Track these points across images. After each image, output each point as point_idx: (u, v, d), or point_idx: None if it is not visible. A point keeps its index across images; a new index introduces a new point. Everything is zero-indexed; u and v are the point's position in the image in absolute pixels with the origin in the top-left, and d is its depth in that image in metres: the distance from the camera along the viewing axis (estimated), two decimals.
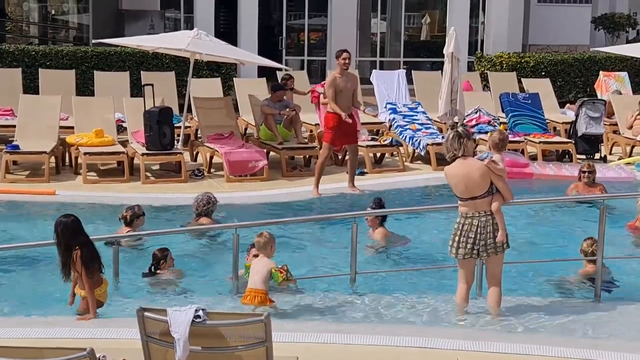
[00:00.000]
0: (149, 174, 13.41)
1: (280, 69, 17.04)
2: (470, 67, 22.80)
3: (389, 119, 15.77)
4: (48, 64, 18.08)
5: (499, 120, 15.99)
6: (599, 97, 18.51)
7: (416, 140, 14.67)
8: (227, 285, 8.49)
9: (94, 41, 18.25)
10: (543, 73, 20.95)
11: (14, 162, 13.45)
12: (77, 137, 13.64)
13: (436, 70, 19.70)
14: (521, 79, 19.20)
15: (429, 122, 15.45)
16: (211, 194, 10.58)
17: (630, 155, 15.39)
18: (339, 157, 14.35)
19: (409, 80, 18.38)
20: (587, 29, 26.03)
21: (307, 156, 14.44)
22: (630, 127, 15.87)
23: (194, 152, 14.68)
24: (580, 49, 24.18)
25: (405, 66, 22.90)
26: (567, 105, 18.98)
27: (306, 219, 10.72)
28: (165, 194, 12.39)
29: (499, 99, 16.56)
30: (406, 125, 15.22)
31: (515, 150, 14.55)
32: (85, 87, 17.43)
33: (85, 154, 13.10)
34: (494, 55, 21.91)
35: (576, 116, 15.61)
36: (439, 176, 12.53)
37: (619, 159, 15.24)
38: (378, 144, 14.61)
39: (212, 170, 13.81)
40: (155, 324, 5.21)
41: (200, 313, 5.12)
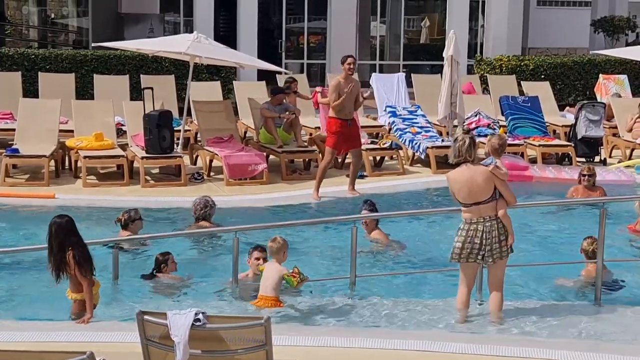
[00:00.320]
0: (148, 177, 13.40)
1: (279, 72, 17.03)
2: (470, 70, 22.81)
3: (389, 122, 15.77)
4: (48, 67, 18.09)
5: (498, 123, 15.99)
6: (598, 100, 18.51)
7: (416, 144, 14.67)
8: (227, 289, 8.48)
9: (93, 45, 18.24)
10: (543, 76, 20.96)
11: (14, 166, 13.46)
12: (76, 140, 13.64)
13: (436, 73, 19.70)
14: (521, 82, 19.19)
15: (428, 125, 15.45)
16: (209, 197, 10.58)
17: (630, 158, 15.38)
18: (338, 160, 14.35)
19: (409, 84, 18.36)
20: (586, 32, 26.05)
21: (306, 159, 14.44)
22: (630, 130, 15.87)
23: (194, 156, 14.68)
24: (580, 51, 24.19)
25: (404, 69, 22.92)
26: (567, 108, 19.00)
27: (306, 222, 10.72)
28: (164, 197, 12.39)
29: (499, 102, 16.57)
30: (406, 128, 15.23)
31: (515, 154, 14.55)
32: (84, 91, 17.43)
33: (85, 157, 13.10)
34: (494, 58, 21.92)
35: (576, 119, 15.61)
36: (439, 179, 12.60)
37: (618, 162, 15.24)
38: (378, 147, 14.61)
39: (211, 173, 13.81)
40: (155, 328, 5.20)
41: (200, 316, 5.12)
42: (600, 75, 20.11)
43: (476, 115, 15.87)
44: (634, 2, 29.76)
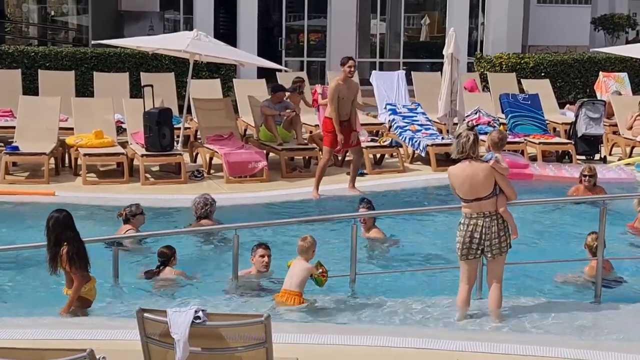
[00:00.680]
0: (148, 175, 13.40)
1: (279, 70, 17.02)
2: (470, 68, 22.79)
3: (389, 120, 15.77)
4: (47, 65, 18.09)
5: (498, 121, 15.99)
6: (598, 97, 18.52)
7: (416, 141, 14.66)
8: (228, 286, 8.48)
9: (93, 42, 18.25)
10: (543, 74, 20.95)
11: (14, 164, 13.45)
12: (76, 138, 13.63)
13: (436, 71, 19.69)
14: (521, 79, 19.19)
15: (428, 123, 15.44)
16: (208, 195, 10.56)
17: (630, 156, 15.39)
18: (338, 158, 14.35)
19: (409, 81, 18.37)
20: (586, 29, 26.03)
21: (306, 157, 14.44)
22: (630, 128, 15.87)
23: (194, 153, 14.67)
24: (580, 49, 24.18)
25: (404, 67, 22.89)
26: (567, 106, 18.99)
27: (306, 219, 10.70)
28: (164, 195, 12.38)
29: (499, 99, 16.57)
30: (406, 126, 15.22)
31: (515, 151, 14.55)
32: (84, 88, 17.42)
33: (85, 155, 13.09)
34: (494, 56, 21.91)
35: (576, 117, 15.60)
36: (439, 177, 12.60)
37: (618, 160, 15.24)
38: (378, 145, 14.61)
39: (211, 171, 13.81)
40: (155, 325, 5.20)
41: (200, 314, 5.11)
42: (601, 73, 20.11)
43: (476, 113, 15.87)
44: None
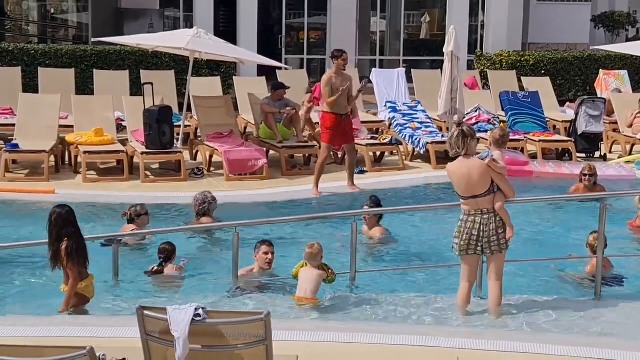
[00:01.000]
0: (148, 172, 13.40)
1: (279, 67, 17.02)
2: (470, 66, 22.77)
3: (389, 118, 15.77)
4: (47, 62, 18.09)
5: (498, 118, 16.00)
6: (598, 95, 18.51)
7: (416, 139, 14.66)
8: (227, 284, 8.48)
9: (93, 40, 18.22)
10: (543, 71, 20.95)
11: (14, 161, 13.45)
12: (76, 136, 13.63)
13: (436, 68, 19.68)
14: (521, 77, 19.20)
15: (428, 120, 15.44)
16: (208, 193, 10.57)
17: (630, 154, 15.39)
18: (338, 156, 14.34)
19: (409, 79, 18.38)
20: (586, 27, 26.01)
21: (306, 155, 14.43)
22: (630, 126, 15.87)
23: (194, 151, 14.67)
24: (580, 47, 24.17)
25: (404, 65, 22.89)
26: (567, 103, 18.98)
27: (306, 217, 10.73)
28: (164, 192, 12.37)
29: (499, 97, 16.55)
30: (406, 123, 15.22)
31: (515, 149, 14.54)
32: (84, 86, 17.42)
33: (85, 152, 13.09)
34: (494, 53, 21.91)
35: (576, 115, 15.60)
36: (439, 175, 12.60)
37: (619, 158, 15.24)
38: (378, 142, 14.60)
39: (211, 169, 13.80)
40: (155, 323, 5.19)
41: (200, 312, 5.11)
42: (601, 70, 20.10)
43: (476, 111, 15.88)
44: None
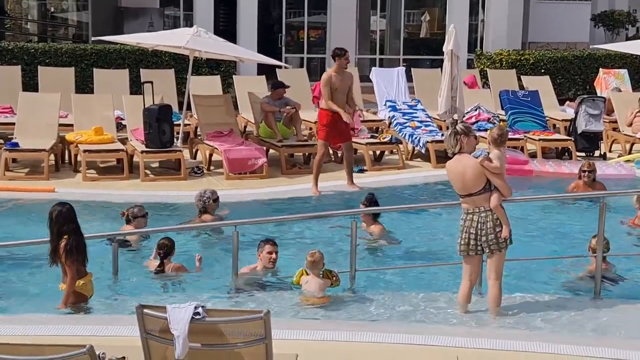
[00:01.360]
0: (148, 171, 13.40)
1: (279, 66, 17.01)
2: (470, 65, 22.78)
3: (389, 117, 15.76)
4: (47, 61, 18.07)
5: (498, 117, 15.99)
6: (598, 94, 18.50)
7: (416, 138, 14.66)
8: (228, 283, 8.49)
9: (93, 39, 18.23)
10: (543, 70, 20.95)
11: (14, 160, 13.45)
12: (76, 134, 13.63)
13: (436, 67, 19.67)
14: (521, 76, 19.19)
15: (428, 119, 15.44)
16: (207, 191, 10.59)
17: (629, 153, 15.39)
18: (338, 154, 14.34)
19: (409, 78, 18.36)
20: (586, 26, 26.01)
21: (306, 154, 14.43)
22: (630, 125, 15.86)
23: (194, 150, 14.67)
24: (580, 46, 24.17)
25: (404, 64, 22.89)
26: (567, 102, 18.98)
27: (305, 216, 10.73)
28: (164, 191, 12.38)
29: (499, 96, 16.54)
30: (406, 122, 15.22)
31: (515, 148, 14.55)
32: (84, 85, 17.41)
33: (85, 151, 13.09)
34: (494, 52, 21.90)
35: (576, 113, 15.60)
36: (439, 174, 12.60)
37: (618, 157, 15.24)
38: (378, 141, 14.59)
39: (211, 167, 13.80)
40: (154, 321, 5.20)
41: (200, 310, 5.11)
42: (601, 69, 20.10)
43: (476, 110, 15.87)
44: None
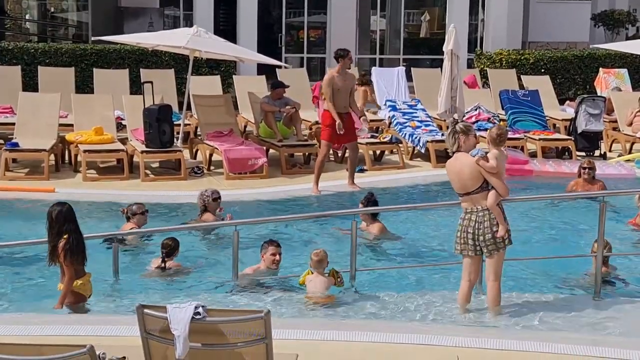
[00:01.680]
0: (148, 171, 13.40)
1: (279, 66, 17.01)
2: (470, 65, 22.77)
3: (389, 117, 15.77)
4: (47, 61, 18.07)
5: (498, 117, 15.99)
6: (598, 94, 18.50)
7: (416, 138, 14.66)
8: (228, 282, 8.48)
9: (93, 39, 18.23)
10: (543, 70, 20.94)
11: (14, 160, 13.45)
12: (76, 134, 13.64)
13: (436, 67, 19.68)
14: (521, 76, 19.19)
15: (428, 119, 15.44)
16: (208, 190, 10.61)
17: (630, 152, 15.39)
18: (338, 154, 14.35)
19: (409, 78, 18.37)
20: (586, 26, 26.00)
21: (306, 153, 14.43)
22: (630, 124, 15.86)
23: (194, 150, 14.67)
24: (580, 45, 24.16)
25: (404, 63, 22.88)
26: (567, 102, 18.99)
27: (306, 216, 10.74)
28: (164, 191, 12.39)
29: (499, 96, 16.55)
30: (406, 122, 15.22)
31: (515, 147, 14.55)
32: (84, 85, 17.41)
33: (85, 151, 13.09)
34: (494, 52, 21.90)
35: (576, 113, 15.60)
36: (439, 173, 12.61)
37: (618, 156, 15.24)
38: (378, 141, 14.61)
39: (211, 167, 13.81)
40: (155, 321, 5.19)
41: (200, 310, 5.10)
42: (601, 69, 20.10)
43: (476, 109, 15.86)
44: None
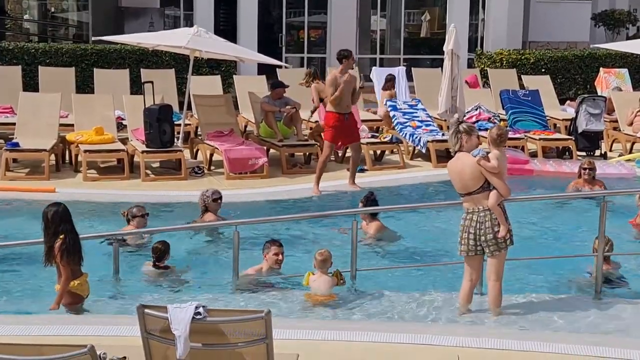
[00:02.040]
0: (149, 171, 13.40)
1: (280, 66, 17.02)
2: (470, 64, 22.77)
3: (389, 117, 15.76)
4: (48, 61, 18.08)
5: (499, 117, 15.98)
6: (599, 93, 18.50)
7: (416, 138, 14.66)
8: (228, 282, 8.49)
9: (93, 39, 18.23)
10: (543, 70, 20.94)
11: (14, 160, 13.45)
12: (77, 134, 13.64)
13: (436, 67, 19.68)
14: (521, 75, 19.19)
15: (429, 119, 15.44)
16: (209, 190, 10.60)
17: (630, 152, 15.38)
18: (339, 154, 14.35)
19: (409, 77, 18.37)
20: (587, 25, 25.99)
21: (307, 153, 14.43)
22: (631, 124, 15.86)
23: (194, 150, 14.67)
24: (581, 45, 24.15)
25: (405, 63, 22.88)
26: (567, 102, 18.98)
27: (306, 216, 10.74)
28: (165, 191, 12.39)
29: (499, 95, 16.53)
30: (406, 122, 15.22)
31: (516, 147, 14.55)
32: (85, 85, 17.42)
33: (85, 151, 13.09)
34: (494, 52, 21.90)
35: (576, 113, 15.59)
36: (439, 173, 12.62)
37: (619, 156, 15.24)
38: (378, 141, 14.61)
39: (212, 167, 13.81)
40: (155, 321, 5.20)
41: (201, 310, 5.11)
42: (601, 68, 20.10)
43: (477, 109, 15.86)
44: None
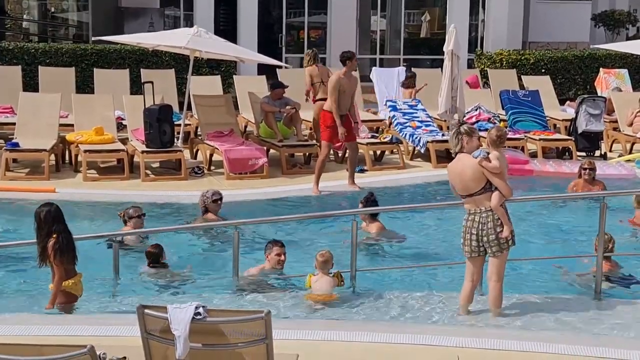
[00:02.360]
0: (149, 171, 13.40)
1: (280, 66, 17.02)
2: (470, 65, 22.77)
3: (389, 117, 15.77)
4: (48, 61, 18.08)
5: (499, 117, 15.99)
6: (599, 94, 18.50)
7: (416, 138, 14.66)
8: (228, 282, 8.49)
9: (93, 39, 18.24)
10: (543, 70, 20.94)
11: (14, 160, 13.45)
12: (77, 134, 13.64)
13: (436, 67, 19.68)
14: (521, 76, 19.19)
15: (429, 119, 15.44)
16: (210, 191, 10.62)
17: (630, 153, 15.38)
18: (339, 154, 14.35)
19: None
20: (587, 26, 25.99)
21: (307, 154, 14.43)
22: (631, 125, 15.86)
23: (194, 150, 14.67)
24: (581, 46, 24.15)
25: (405, 63, 22.87)
26: (567, 102, 18.98)
27: (306, 216, 10.74)
28: (165, 191, 12.39)
29: (499, 96, 16.53)
30: (406, 122, 15.22)
31: (515, 148, 14.55)
32: (85, 85, 17.42)
33: (85, 151, 13.09)
34: (494, 52, 21.90)
35: (576, 113, 15.59)
36: (439, 174, 12.62)
37: (619, 156, 15.24)
38: (378, 141, 14.61)
39: (212, 167, 13.81)
40: (155, 321, 5.20)
41: (201, 310, 5.11)
42: (601, 69, 20.10)
43: (476, 110, 15.86)
44: None
